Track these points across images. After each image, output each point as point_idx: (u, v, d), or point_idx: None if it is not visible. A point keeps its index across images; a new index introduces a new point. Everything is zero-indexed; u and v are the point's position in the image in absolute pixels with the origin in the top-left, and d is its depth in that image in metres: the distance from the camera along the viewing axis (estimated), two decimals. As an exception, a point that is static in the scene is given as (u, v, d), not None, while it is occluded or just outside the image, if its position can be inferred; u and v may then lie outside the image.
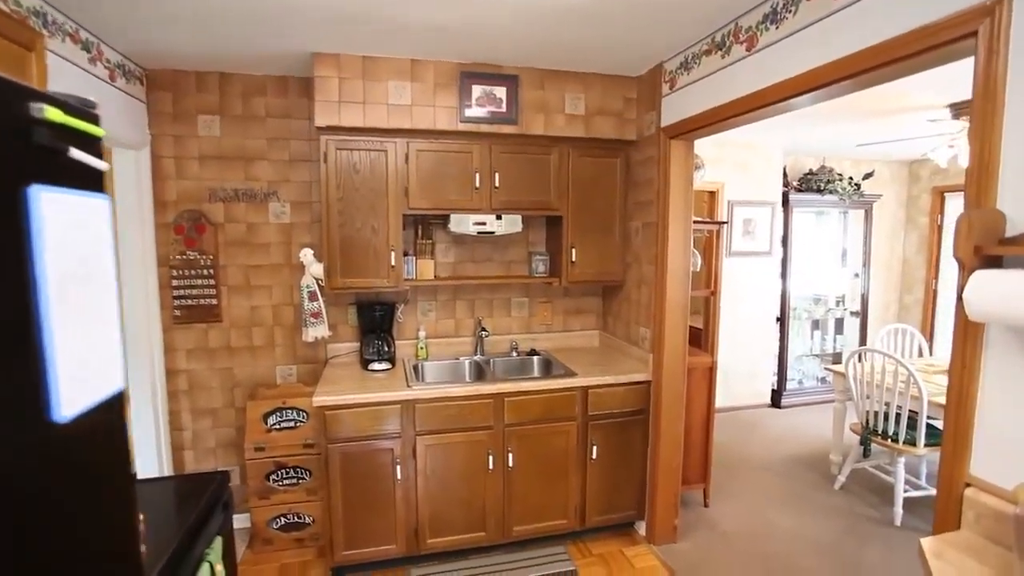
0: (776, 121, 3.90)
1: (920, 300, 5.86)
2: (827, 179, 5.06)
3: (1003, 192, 1.21)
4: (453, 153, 2.75)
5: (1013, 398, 1.20)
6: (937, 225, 5.65)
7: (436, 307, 3.18)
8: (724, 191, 4.82)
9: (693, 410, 3.10)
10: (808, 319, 5.46)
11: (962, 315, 1.28)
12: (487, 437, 2.59)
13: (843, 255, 5.61)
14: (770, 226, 5.00)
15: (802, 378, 5.43)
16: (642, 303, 2.89)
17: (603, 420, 2.74)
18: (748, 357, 5.07)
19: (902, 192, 5.93)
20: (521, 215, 2.92)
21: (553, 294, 3.35)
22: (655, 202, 2.72)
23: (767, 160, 4.95)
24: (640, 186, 2.90)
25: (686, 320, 2.70)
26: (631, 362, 2.95)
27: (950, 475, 1.32)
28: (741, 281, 4.96)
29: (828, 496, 3.44)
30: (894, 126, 3.83)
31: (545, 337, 3.34)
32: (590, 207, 2.96)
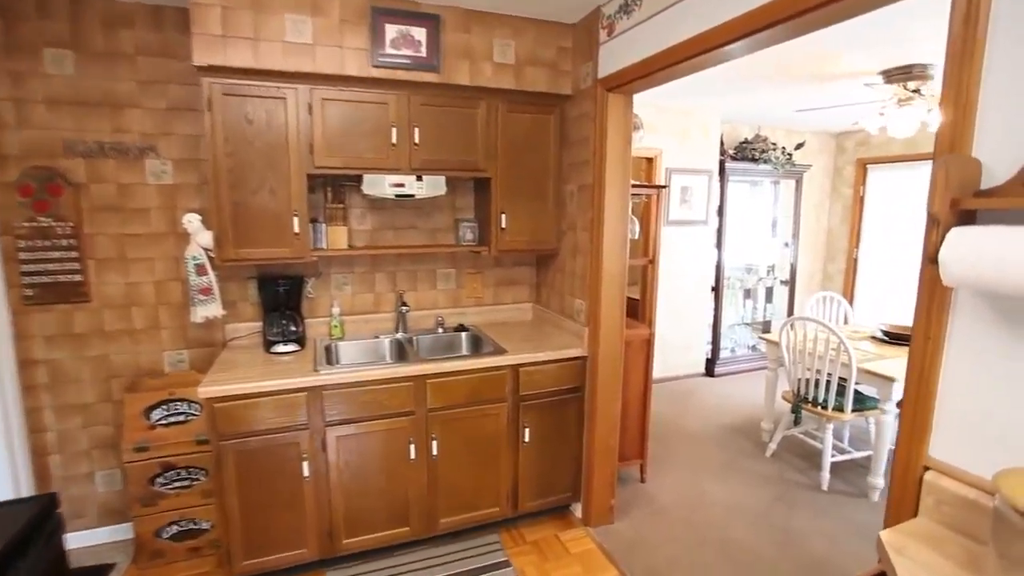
0: (714, 86, 3.78)
1: (843, 269, 6.06)
2: (762, 148, 5.04)
3: (981, 137, 1.05)
4: (366, 104, 2.40)
5: (982, 374, 1.06)
6: (859, 196, 5.82)
7: (352, 280, 2.85)
8: (662, 158, 4.70)
9: (630, 385, 2.96)
10: (740, 288, 5.51)
11: (928, 280, 1.13)
12: (408, 424, 2.33)
13: (773, 225, 5.68)
14: (707, 195, 4.94)
15: (734, 346, 5.51)
16: (577, 273, 2.69)
17: (536, 400, 2.54)
18: (684, 327, 5.06)
19: (829, 164, 6.05)
20: (445, 176, 2.62)
21: (483, 264, 3.09)
22: (591, 163, 2.49)
23: (704, 128, 4.85)
24: (575, 145, 2.66)
25: (623, 291, 2.53)
26: (566, 337, 2.75)
27: (907, 457, 1.19)
28: (678, 250, 4.90)
29: (760, 464, 3.45)
30: (830, 92, 3.78)
31: (474, 311, 3.08)
32: (522, 169, 2.70)
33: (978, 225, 1.01)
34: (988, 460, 1.06)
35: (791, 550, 2.58)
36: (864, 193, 5.79)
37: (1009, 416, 1.03)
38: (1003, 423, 1.04)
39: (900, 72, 3.25)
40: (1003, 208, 0.99)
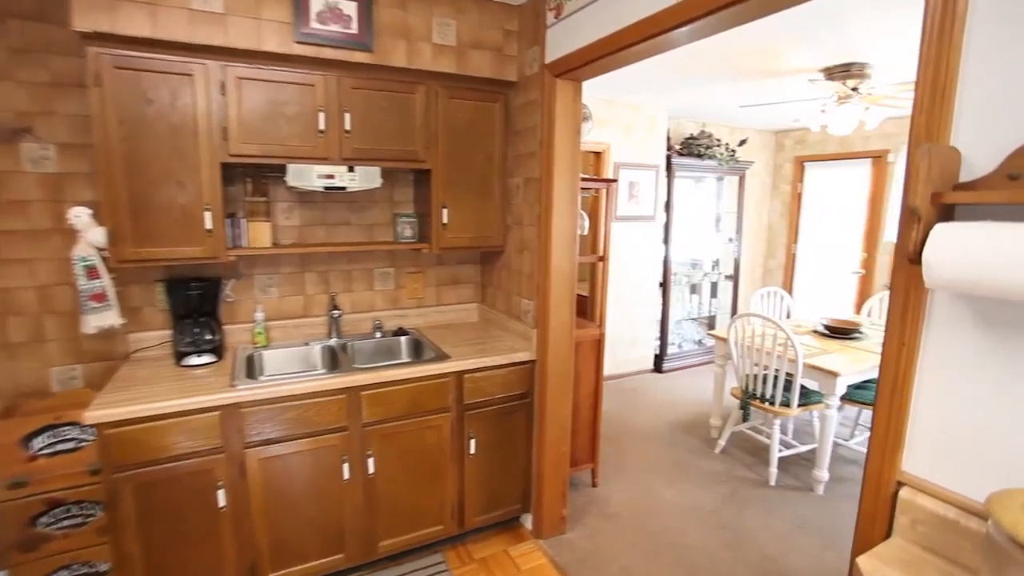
0: (662, 81, 3.72)
1: (782, 264, 6.23)
2: (707, 144, 5.06)
3: (960, 123, 0.96)
4: (289, 85, 2.15)
5: (962, 383, 0.98)
6: (797, 193, 5.98)
7: (279, 282, 2.58)
8: (610, 152, 4.62)
9: (581, 387, 2.85)
10: (687, 283, 5.54)
11: (903, 282, 1.04)
12: (341, 441, 2.11)
13: (718, 221, 5.75)
14: (654, 190, 4.91)
15: (682, 342, 5.54)
16: (524, 272, 2.54)
17: (482, 409, 2.37)
18: (632, 323, 5.02)
19: (769, 161, 6.19)
20: (380, 167, 2.39)
21: (424, 263, 2.88)
22: (538, 154, 2.34)
23: (652, 123, 4.82)
24: (522, 135, 2.50)
25: (573, 290, 2.39)
26: (513, 339, 2.60)
27: (878, 472, 1.11)
28: (626, 246, 4.85)
29: (710, 461, 3.42)
30: (774, 89, 3.80)
31: (416, 313, 2.88)
32: (464, 160, 2.51)
33: (959, 221, 0.92)
34: (968, 476, 0.97)
35: (745, 552, 2.54)
36: (802, 190, 5.95)
37: (992, 430, 0.94)
38: (985, 437, 0.96)
39: (840, 70, 3.28)
40: (988, 202, 0.90)
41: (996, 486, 0.93)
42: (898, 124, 4.97)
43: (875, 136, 5.18)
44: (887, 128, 5.06)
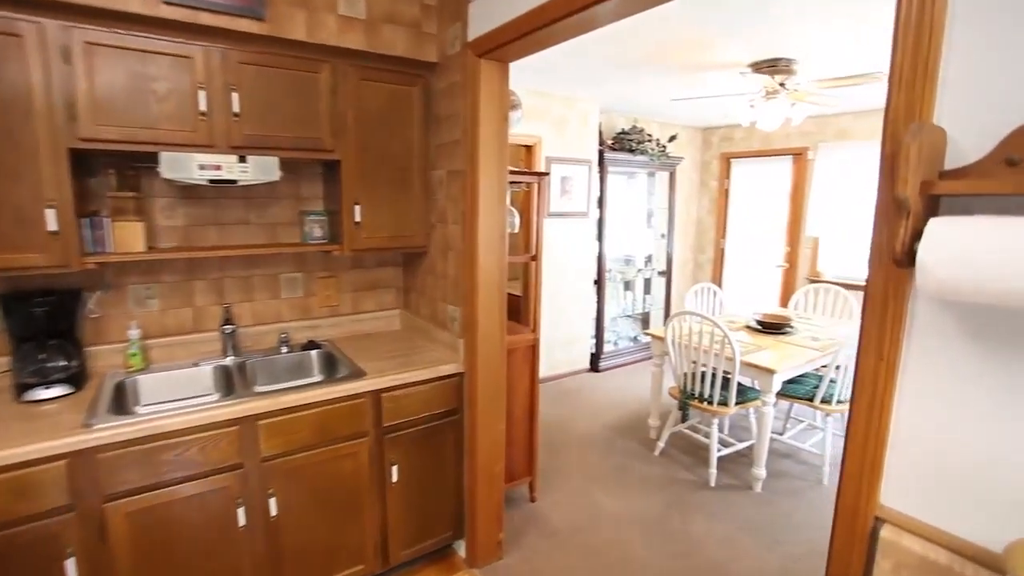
0: (593, 73, 3.58)
1: (711, 259, 6.33)
2: (638, 139, 5.00)
3: (944, 99, 0.81)
4: (160, 57, 1.78)
5: (952, 404, 0.84)
6: (724, 188, 6.09)
7: (161, 292, 2.18)
8: (542, 146, 4.44)
9: (515, 397, 2.64)
10: (621, 280, 5.49)
11: (881, 288, 0.89)
12: (234, 482, 1.77)
13: (649, 216, 5.74)
14: (587, 186, 4.79)
15: (617, 339, 5.48)
16: (449, 275, 2.28)
17: (404, 431, 2.10)
18: (567, 323, 4.89)
19: (697, 157, 6.26)
20: (279, 157, 2.06)
21: (338, 266, 2.56)
22: (462, 143, 2.10)
23: (584, 117, 4.69)
24: (445, 123, 2.24)
25: (503, 295, 2.17)
26: (439, 350, 2.34)
27: (853, 506, 0.96)
28: (559, 243, 4.70)
29: (650, 465, 3.33)
30: (705, 83, 3.75)
31: (330, 323, 2.55)
32: (380, 150, 2.23)
33: (949, 216, 0.76)
34: (963, 513, 0.83)
35: (692, 561, 2.43)
36: (728, 186, 6.06)
37: (990, 458, 0.81)
38: (982, 467, 0.82)
39: (768, 65, 3.26)
40: (983, 192, 0.75)
41: (995, 525, 0.79)
42: (816, 123, 5.12)
43: (795, 134, 5.33)
44: (806, 127, 5.21)
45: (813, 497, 2.98)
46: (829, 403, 3.11)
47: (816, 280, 5.25)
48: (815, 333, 3.53)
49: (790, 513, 2.82)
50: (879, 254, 0.87)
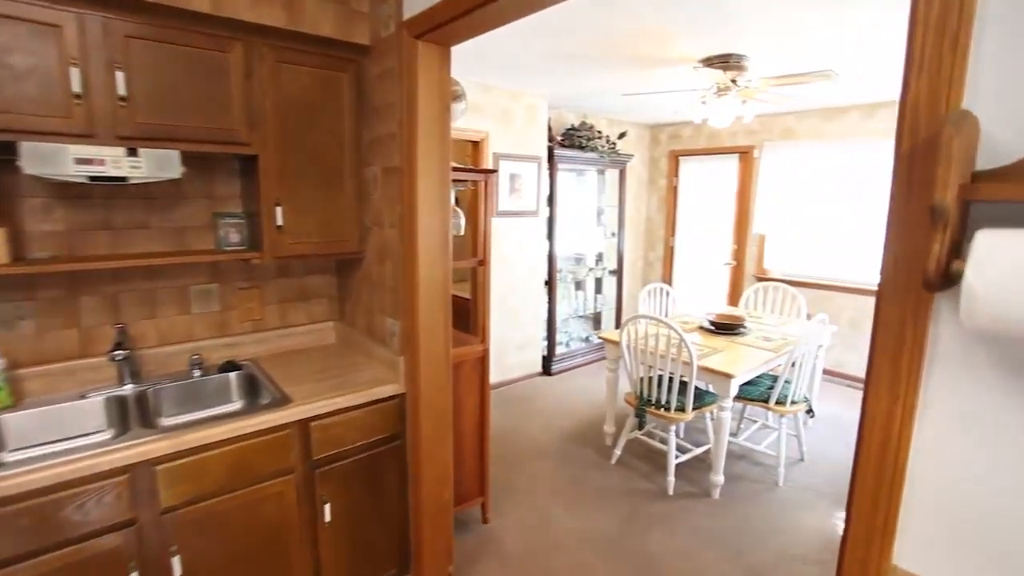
0: (542, 64, 3.40)
1: (661, 257, 6.32)
2: (588, 136, 4.88)
3: (978, 82, 0.66)
4: (18, 23, 1.45)
5: (986, 451, 0.69)
6: (673, 186, 6.08)
7: (36, 311, 1.83)
8: (489, 142, 4.24)
9: (464, 413, 2.43)
10: (572, 280, 5.37)
11: (897, 316, 0.74)
12: (125, 541, 1.48)
13: (599, 214, 5.65)
14: (536, 183, 4.63)
15: (569, 340, 5.36)
16: (387, 284, 2.04)
17: (338, 463, 1.85)
18: (518, 326, 4.71)
19: (646, 154, 6.23)
20: (181, 151, 1.76)
21: (261, 275, 2.27)
22: (399, 137, 1.86)
23: (532, 111, 4.51)
24: (379, 115, 2.00)
25: (447, 305, 1.95)
26: (377, 368, 2.10)
27: (861, 566, 0.81)
28: (509, 244, 4.52)
29: (607, 475, 3.20)
30: (657, 78, 3.64)
31: (253, 340, 2.25)
32: (306, 144, 1.96)
33: (999, 227, 0.62)
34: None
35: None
36: (677, 183, 6.06)
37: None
38: (1015, 524, 0.68)
39: (719, 61, 3.18)
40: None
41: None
42: (762, 122, 5.16)
43: (742, 133, 5.36)
44: (752, 125, 5.25)
45: (771, 501, 2.93)
46: (784, 404, 3.07)
47: (763, 278, 5.30)
48: (767, 333, 3.51)
49: (750, 520, 2.76)
50: (896, 274, 0.72)
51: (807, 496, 2.99)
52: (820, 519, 2.77)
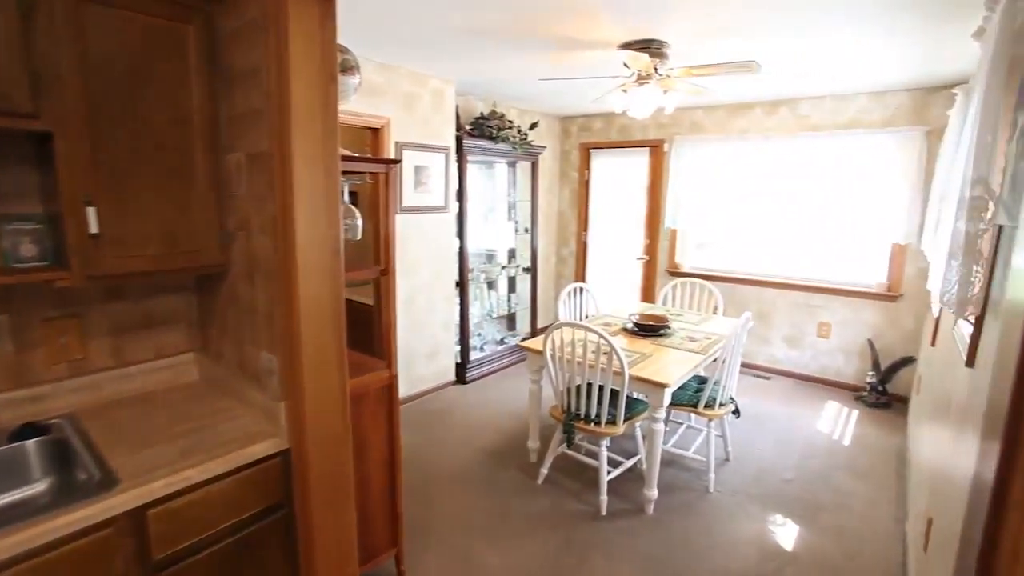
0: (448, 42, 3.00)
1: (574, 253, 6.17)
2: (498, 125, 4.55)
3: None
4: None
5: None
6: (585, 180, 5.93)
7: None
8: (391, 130, 3.76)
9: (369, 455, 2.01)
10: (484, 280, 5.04)
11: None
12: None
13: (511, 209, 5.36)
14: (444, 176, 4.22)
15: (484, 344, 5.03)
16: (259, 308, 1.57)
17: (195, 556, 1.36)
18: (428, 333, 4.30)
19: (556, 147, 6.02)
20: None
21: (83, 299, 1.68)
22: (267, 113, 1.39)
23: (439, 97, 4.09)
24: (240, 83, 1.51)
25: (340, 330, 1.52)
26: (250, 418, 1.62)
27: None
28: (416, 243, 4.08)
29: (534, 498, 2.91)
30: (574, 63, 3.37)
31: (72, 388, 1.66)
32: (133, 120, 1.42)
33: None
34: None
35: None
36: (589, 177, 5.91)
37: None
38: None
39: (640, 46, 2.97)
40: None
41: None
42: (672, 115, 5.12)
43: (652, 126, 5.30)
44: (662, 119, 5.20)
45: (704, 511, 2.79)
46: (713, 408, 2.95)
47: (675, 272, 5.30)
48: (690, 331, 3.40)
49: (687, 536, 2.59)
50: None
51: (739, 500, 2.89)
52: (755, 527, 2.67)
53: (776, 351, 4.84)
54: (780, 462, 3.30)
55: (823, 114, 4.39)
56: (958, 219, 1.51)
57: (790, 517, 2.76)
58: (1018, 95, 1.24)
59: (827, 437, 3.66)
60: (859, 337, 4.42)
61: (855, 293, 4.41)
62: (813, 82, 3.89)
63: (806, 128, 4.46)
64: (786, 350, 4.80)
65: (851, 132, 4.25)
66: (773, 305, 4.80)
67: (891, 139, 4.10)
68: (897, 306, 4.25)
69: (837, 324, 4.52)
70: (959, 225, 1.51)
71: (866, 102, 4.21)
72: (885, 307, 4.30)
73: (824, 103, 4.37)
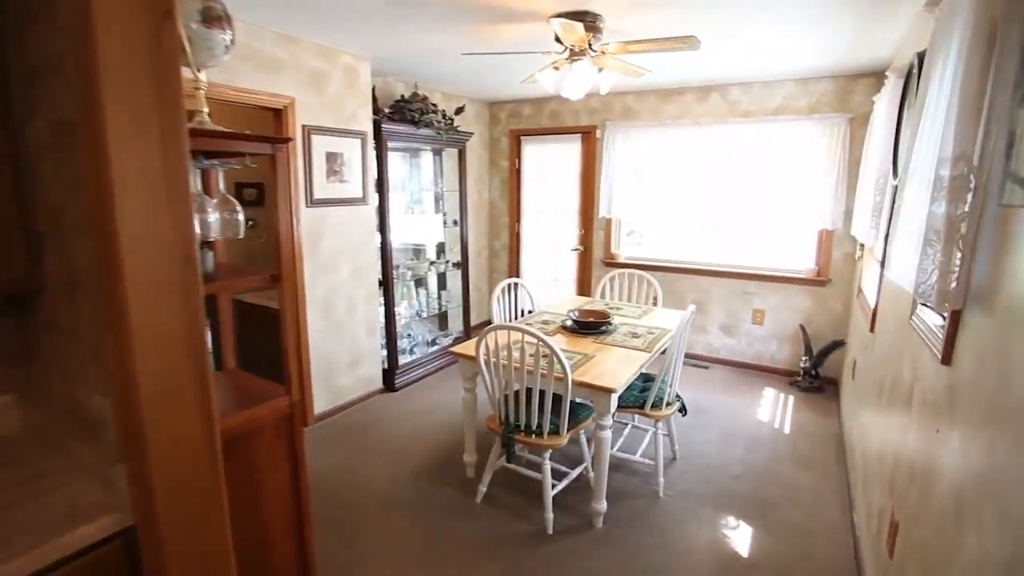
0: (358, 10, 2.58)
1: (507, 245, 5.90)
2: (422, 109, 4.17)
3: None
4: None
5: None
6: (516, 169, 5.66)
7: None
8: (296, 111, 3.30)
9: (265, 500, 1.64)
10: (412, 277, 4.66)
11: None
12: None
13: (438, 200, 5.00)
14: (362, 164, 3.80)
15: (414, 346, 4.66)
16: (84, 335, 1.16)
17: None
18: (350, 338, 3.88)
19: (485, 133, 5.71)
20: None
21: None
22: (68, 62, 0.99)
23: (352, 75, 3.65)
24: (32, 18, 1.08)
25: (201, 364, 1.13)
26: (81, 484, 1.20)
27: None
28: (331, 240, 3.65)
29: (473, 520, 2.61)
30: (502, 38, 3.06)
31: None
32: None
33: None
34: None
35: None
36: (520, 166, 5.64)
37: None
38: None
39: (574, 17, 2.71)
40: None
41: None
42: (603, 101, 4.94)
43: (583, 111, 5.10)
44: (593, 104, 5.01)
45: (656, 520, 2.61)
46: (660, 408, 2.78)
47: (611, 263, 5.16)
48: (632, 327, 3.21)
49: (639, 551, 2.39)
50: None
51: (690, 504, 2.74)
52: (709, 532, 2.52)
53: (713, 340, 4.81)
54: (727, 457, 3.20)
55: (752, 100, 4.35)
56: (934, 202, 1.36)
57: (742, 518, 2.63)
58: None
59: (768, 427, 3.61)
60: (791, 323, 4.45)
61: (786, 279, 4.43)
62: (743, 67, 3.81)
63: (737, 114, 4.41)
64: (723, 338, 4.77)
65: (779, 119, 4.23)
66: (708, 294, 4.76)
67: (816, 126, 4.11)
68: (826, 291, 4.30)
69: (770, 310, 4.53)
70: (936, 209, 1.35)
71: (793, 88, 4.19)
72: (815, 292, 4.35)
73: (753, 89, 4.33)
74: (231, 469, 1.29)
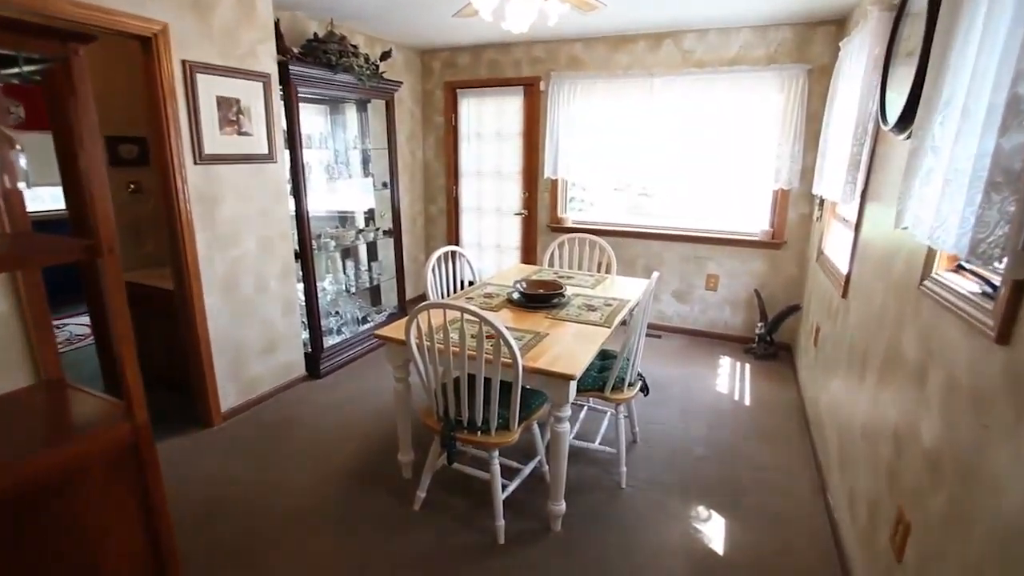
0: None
1: (444, 210, 5.39)
2: (340, 50, 3.54)
3: None
4: None
5: None
6: (452, 126, 5.11)
7: None
8: (171, 42, 2.63)
9: (109, 566, 1.16)
10: (337, 248, 4.09)
11: None
12: None
13: (365, 161, 4.41)
14: (265, 114, 3.17)
15: (341, 326, 4.14)
16: None
17: None
18: (261, 320, 3.32)
19: (416, 85, 5.10)
20: None
21: None
22: None
23: (246, 2, 2.98)
24: None
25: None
26: None
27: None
28: (232, 204, 3.03)
29: (411, 533, 2.21)
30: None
31: None
32: None
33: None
34: None
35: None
36: (457, 122, 5.10)
37: None
38: None
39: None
40: None
41: None
42: (547, 49, 4.47)
43: (525, 61, 4.60)
44: (537, 52, 4.52)
45: (619, 517, 2.31)
46: (621, 390, 2.46)
47: (557, 228, 4.78)
48: (586, 298, 2.85)
49: (604, 554, 2.08)
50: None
51: (656, 495, 2.45)
52: (679, 527, 2.24)
53: (666, 307, 4.57)
54: (689, 436, 2.95)
55: (707, 49, 4.01)
56: (1004, 133, 1.03)
57: (713, 507, 2.37)
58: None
59: (728, 399, 3.40)
60: (746, 288, 4.26)
61: (740, 242, 4.21)
62: (698, 7, 3.44)
63: (691, 64, 4.06)
64: (676, 305, 4.54)
65: (735, 70, 3.92)
66: (660, 259, 4.49)
67: (774, 77, 3.83)
68: (781, 254, 4.12)
69: (724, 275, 4.32)
70: (1005, 142, 1.02)
71: (750, 36, 3.88)
72: (770, 255, 4.16)
73: (708, 36, 3.99)
74: (35, 542, 0.81)
